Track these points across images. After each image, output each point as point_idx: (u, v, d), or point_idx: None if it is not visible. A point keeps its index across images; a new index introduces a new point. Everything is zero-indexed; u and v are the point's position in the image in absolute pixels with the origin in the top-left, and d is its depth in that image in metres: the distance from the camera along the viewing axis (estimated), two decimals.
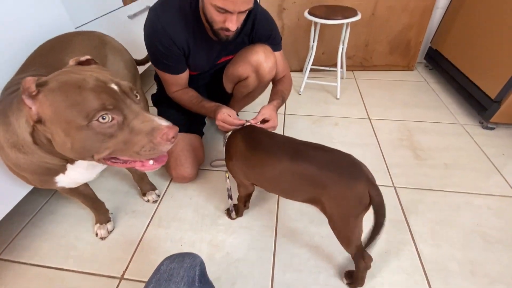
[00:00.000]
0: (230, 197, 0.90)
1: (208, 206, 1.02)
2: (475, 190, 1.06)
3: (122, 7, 1.32)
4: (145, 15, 0.90)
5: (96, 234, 0.91)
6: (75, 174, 0.66)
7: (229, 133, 0.84)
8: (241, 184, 0.86)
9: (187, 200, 1.05)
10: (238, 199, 0.94)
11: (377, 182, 0.63)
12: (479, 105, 1.39)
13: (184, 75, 0.99)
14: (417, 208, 1.00)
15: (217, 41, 0.91)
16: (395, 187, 1.07)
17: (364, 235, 0.68)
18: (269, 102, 0.97)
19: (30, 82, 0.46)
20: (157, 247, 0.89)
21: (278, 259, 0.85)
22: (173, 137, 0.52)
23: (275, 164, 0.70)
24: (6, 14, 0.74)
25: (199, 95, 1.01)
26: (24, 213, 1.00)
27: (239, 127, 0.84)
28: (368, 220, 0.65)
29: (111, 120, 0.49)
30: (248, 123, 0.84)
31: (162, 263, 0.48)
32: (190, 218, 0.98)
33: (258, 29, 0.96)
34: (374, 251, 0.83)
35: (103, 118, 0.48)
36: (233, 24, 0.78)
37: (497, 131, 1.36)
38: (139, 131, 0.50)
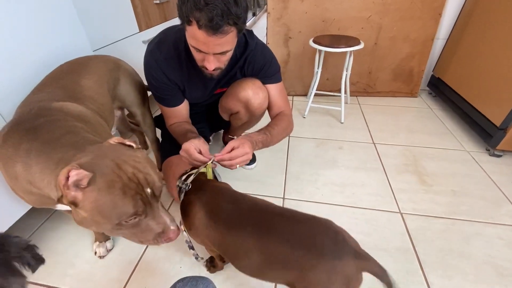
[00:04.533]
0: (191, 247, 0.74)
1: None
2: (485, 219, 1.02)
3: (137, 32, 1.41)
4: None
5: (95, 253, 0.90)
6: None
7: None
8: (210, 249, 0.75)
9: None
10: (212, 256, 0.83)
11: (383, 208, 0.58)
12: (485, 132, 1.39)
13: (181, 108, 0.99)
14: (425, 235, 0.96)
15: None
16: (401, 213, 1.04)
17: None
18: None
19: (84, 175, 0.47)
20: (156, 268, 0.87)
21: None
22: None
23: (237, 241, 0.57)
24: (31, 34, 0.79)
25: (193, 129, 0.96)
26: (24, 228, 1.00)
27: (201, 164, 0.74)
28: None
29: (135, 219, 0.53)
30: (215, 158, 0.75)
31: (174, 286, 0.48)
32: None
33: (251, 63, 0.96)
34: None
35: (130, 220, 0.52)
36: (210, 64, 0.76)
37: (505, 158, 1.34)
38: (151, 230, 0.56)
